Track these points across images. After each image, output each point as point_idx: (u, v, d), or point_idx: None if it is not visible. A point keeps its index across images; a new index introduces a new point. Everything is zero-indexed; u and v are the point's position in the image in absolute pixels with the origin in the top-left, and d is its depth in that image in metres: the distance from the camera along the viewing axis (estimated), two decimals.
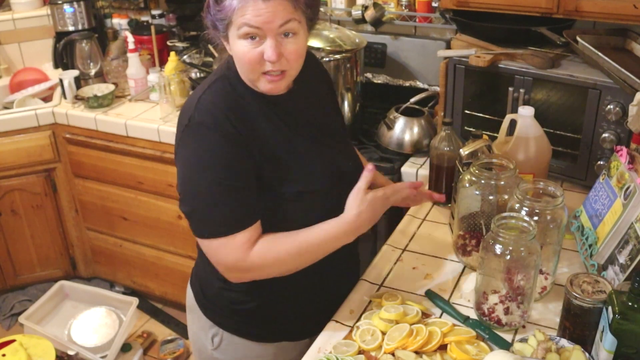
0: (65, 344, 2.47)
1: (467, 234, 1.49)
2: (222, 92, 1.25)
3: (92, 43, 2.84)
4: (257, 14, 1.13)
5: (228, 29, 1.18)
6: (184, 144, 1.23)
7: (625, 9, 1.66)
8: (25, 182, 2.74)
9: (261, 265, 1.24)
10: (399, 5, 2.36)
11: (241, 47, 1.17)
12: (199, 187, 1.21)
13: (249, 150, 1.21)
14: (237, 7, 1.13)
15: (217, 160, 1.20)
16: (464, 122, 1.97)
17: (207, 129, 1.20)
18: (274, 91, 1.24)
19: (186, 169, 1.23)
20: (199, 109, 1.22)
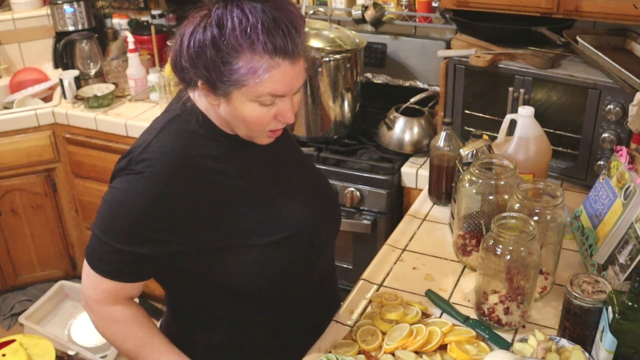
0: (65, 344, 2.47)
1: (467, 234, 1.49)
2: (177, 138, 1.11)
3: (92, 43, 2.84)
4: (284, 81, 1.02)
5: (234, 90, 1.03)
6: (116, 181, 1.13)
7: (625, 9, 1.66)
8: (25, 182, 2.74)
9: (104, 324, 1.19)
10: (399, 5, 2.36)
11: (253, 111, 1.05)
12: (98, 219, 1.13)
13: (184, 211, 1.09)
14: (263, 75, 0.99)
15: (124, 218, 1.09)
16: (464, 122, 1.97)
17: (138, 182, 1.08)
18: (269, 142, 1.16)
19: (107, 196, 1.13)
20: (146, 155, 1.09)
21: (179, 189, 1.08)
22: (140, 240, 1.09)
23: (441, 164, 1.72)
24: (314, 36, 2.11)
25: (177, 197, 1.08)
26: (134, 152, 1.12)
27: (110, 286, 1.14)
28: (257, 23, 0.97)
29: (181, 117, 1.13)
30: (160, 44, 2.86)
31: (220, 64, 0.99)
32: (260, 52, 0.98)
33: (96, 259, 1.13)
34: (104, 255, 1.12)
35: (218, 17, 0.98)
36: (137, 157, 1.10)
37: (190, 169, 1.10)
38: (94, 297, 1.16)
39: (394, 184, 2.02)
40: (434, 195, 1.80)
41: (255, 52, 0.98)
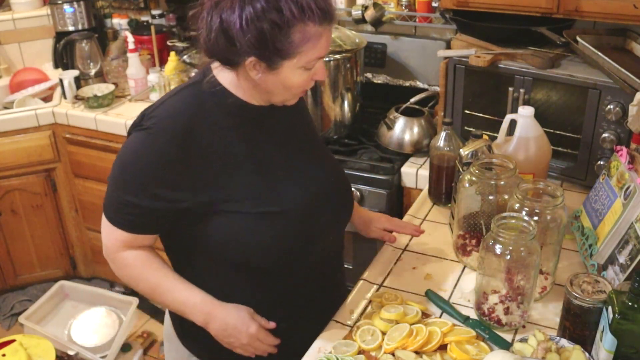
0: (65, 344, 2.47)
1: (467, 234, 1.49)
2: (188, 101, 1.18)
3: (92, 43, 2.85)
4: (327, 45, 1.11)
5: (285, 60, 1.08)
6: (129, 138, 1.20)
7: (625, 9, 1.66)
8: (25, 182, 2.74)
9: (119, 269, 1.26)
10: (399, 5, 2.36)
11: (299, 77, 1.13)
12: (113, 174, 1.22)
13: (188, 170, 1.15)
14: (315, 43, 1.07)
15: (136, 172, 1.17)
16: (464, 122, 1.97)
17: (148, 136, 1.15)
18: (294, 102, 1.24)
19: (120, 154, 1.21)
20: (155, 114, 1.16)
21: (182, 149, 1.14)
22: (145, 194, 1.16)
23: (441, 164, 1.72)
24: None
25: (179, 157, 1.14)
26: (147, 110, 1.20)
27: (122, 236, 1.22)
28: None
29: (198, 85, 1.20)
30: (160, 44, 2.86)
31: (277, 38, 1.05)
32: (313, 21, 1.05)
33: (109, 210, 1.22)
34: (115, 207, 1.20)
35: None
36: (148, 114, 1.18)
37: (196, 132, 1.15)
38: (109, 246, 1.25)
39: (394, 184, 2.02)
40: (434, 195, 1.79)
41: (307, 23, 1.05)
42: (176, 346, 1.42)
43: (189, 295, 1.24)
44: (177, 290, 1.24)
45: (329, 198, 1.31)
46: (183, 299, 1.24)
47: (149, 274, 1.25)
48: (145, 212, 1.18)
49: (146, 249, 1.26)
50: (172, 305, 1.27)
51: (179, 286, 1.25)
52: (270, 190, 1.21)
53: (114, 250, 1.24)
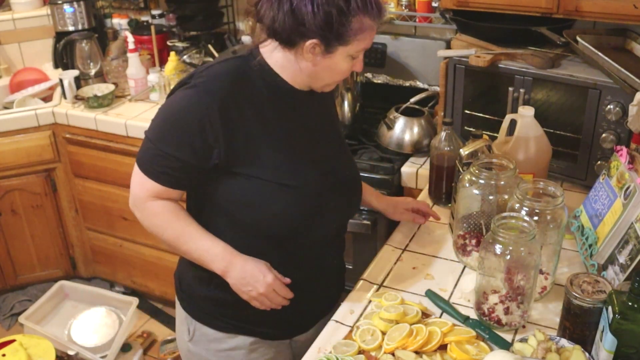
0: (65, 344, 2.47)
1: (467, 234, 1.49)
2: (235, 69, 1.28)
3: (92, 43, 2.84)
4: (372, 39, 1.23)
5: (340, 45, 1.20)
6: (174, 94, 1.28)
7: (625, 9, 1.66)
8: (25, 182, 2.74)
9: (146, 217, 1.33)
10: (399, 5, 2.36)
11: (346, 64, 1.24)
12: (152, 126, 1.28)
13: (225, 129, 1.23)
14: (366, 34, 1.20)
15: (177, 124, 1.24)
16: (464, 122, 1.97)
17: (195, 92, 1.23)
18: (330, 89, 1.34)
19: (163, 106, 1.29)
20: (204, 74, 1.26)
21: (224, 108, 1.22)
22: (185, 146, 1.23)
23: (441, 164, 1.72)
24: None
25: (221, 115, 1.22)
26: (196, 70, 1.29)
27: (153, 187, 1.28)
28: None
29: (245, 59, 1.29)
30: (160, 44, 2.86)
31: (343, 21, 1.17)
32: (371, 15, 1.19)
33: (145, 161, 1.28)
34: (152, 158, 1.27)
35: None
36: (197, 74, 1.27)
37: (237, 97, 1.25)
38: (139, 195, 1.31)
39: (394, 184, 2.02)
40: (434, 195, 1.79)
41: (366, 15, 1.18)
42: (178, 309, 1.51)
43: (211, 244, 1.30)
44: (201, 238, 1.31)
45: (341, 187, 1.39)
46: (206, 247, 1.30)
47: (176, 222, 1.31)
48: (181, 166, 1.25)
49: (172, 201, 1.32)
50: (195, 253, 1.32)
51: (203, 235, 1.31)
52: (292, 166, 1.30)
53: (143, 200, 1.30)
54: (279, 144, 1.29)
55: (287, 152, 1.30)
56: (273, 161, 1.28)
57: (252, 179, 1.27)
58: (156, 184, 1.28)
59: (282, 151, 1.29)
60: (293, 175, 1.30)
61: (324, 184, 1.34)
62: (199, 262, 1.33)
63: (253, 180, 1.27)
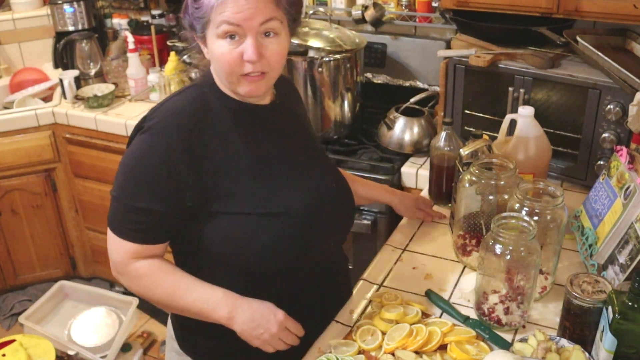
0: (65, 344, 2.46)
1: (467, 234, 1.49)
2: (190, 100, 1.20)
3: (92, 43, 2.85)
4: (237, 10, 1.08)
5: (206, 29, 1.13)
6: (131, 145, 1.20)
7: (625, 9, 1.66)
8: (25, 182, 2.74)
9: (133, 282, 1.23)
10: (399, 5, 2.36)
11: (220, 48, 1.12)
12: (117, 182, 1.20)
13: (192, 168, 1.15)
14: (217, 4, 1.09)
15: (141, 174, 1.16)
16: (464, 122, 1.97)
17: (152, 135, 1.15)
18: (254, 93, 1.18)
19: (123, 159, 1.20)
20: (157, 113, 1.18)
21: (185, 148, 1.15)
22: (155, 196, 1.15)
23: (441, 164, 1.72)
24: (313, 36, 2.12)
25: (183, 153, 1.14)
26: (148, 112, 1.21)
27: (132, 248, 1.20)
28: None
29: (199, 85, 1.23)
30: (160, 44, 2.86)
31: (193, 5, 1.13)
32: None
33: (116, 222, 1.21)
34: (123, 217, 1.19)
35: None
36: (150, 115, 1.19)
37: (198, 129, 1.17)
38: (119, 260, 1.22)
39: (394, 184, 2.02)
40: (434, 195, 1.79)
41: None
42: (177, 351, 1.42)
43: (210, 291, 1.20)
44: (197, 288, 1.20)
45: (330, 203, 1.30)
46: (206, 296, 1.20)
47: (166, 278, 1.21)
48: (154, 219, 1.17)
49: (155, 258, 1.23)
50: (194, 306, 1.20)
51: (198, 284, 1.21)
52: (271, 191, 1.21)
53: (125, 264, 1.21)
54: (252, 170, 1.20)
55: (263, 177, 1.21)
56: (250, 190, 1.19)
57: (233, 215, 1.18)
58: (135, 245, 1.19)
59: (257, 177, 1.20)
60: (275, 201, 1.20)
61: (310, 203, 1.25)
62: (199, 315, 1.21)
63: (234, 216, 1.18)
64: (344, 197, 1.37)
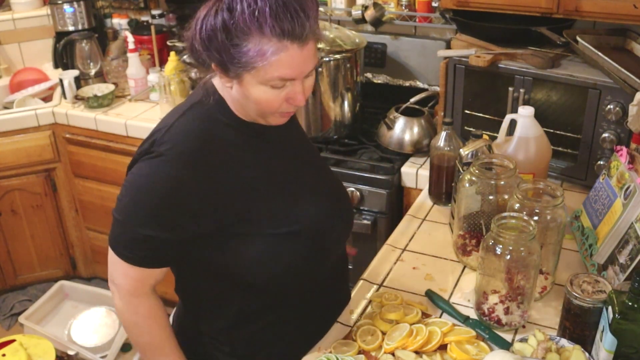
0: (65, 344, 2.46)
1: (467, 234, 1.49)
2: (198, 122, 1.13)
3: (92, 43, 2.84)
4: (293, 65, 1.03)
5: (245, 72, 1.04)
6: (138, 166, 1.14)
7: (625, 9, 1.66)
8: (25, 182, 2.74)
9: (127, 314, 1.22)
10: (399, 5, 2.36)
11: (264, 94, 1.06)
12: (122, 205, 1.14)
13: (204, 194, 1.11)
14: (271, 58, 1.01)
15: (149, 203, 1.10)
16: (464, 122, 1.97)
17: (162, 163, 1.10)
18: (284, 122, 1.17)
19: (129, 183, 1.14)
20: (167, 138, 1.11)
21: (200, 172, 1.10)
22: (164, 225, 1.11)
23: (441, 164, 1.72)
24: None
25: (198, 181, 1.10)
26: (156, 135, 1.14)
27: (138, 273, 1.17)
28: (265, 6, 0.98)
29: (202, 103, 1.16)
30: (160, 44, 2.86)
31: (230, 46, 1.01)
32: (269, 35, 1.00)
33: (121, 246, 1.15)
34: (129, 242, 1.14)
35: (229, 1, 1.01)
36: (160, 139, 1.12)
37: (210, 153, 1.12)
38: (124, 286, 1.19)
39: (394, 184, 2.02)
40: (434, 195, 1.79)
41: (263, 35, 1.00)
42: None
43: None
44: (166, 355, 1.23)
45: (338, 210, 1.29)
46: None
47: (156, 331, 1.22)
48: (163, 245, 1.14)
49: (156, 299, 1.23)
50: None
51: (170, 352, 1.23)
52: (286, 209, 1.18)
53: (129, 292, 1.19)
54: (266, 189, 1.17)
55: (276, 196, 1.18)
56: (266, 210, 1.16)
57: (249, 237, 1.15)
58: (139, 269, 1.16)
59: (271, 196, 1.17)
60: (291, 219, 1.18)
61: (323, 217, 1.23)
62: None
63: (251, 237, 1.15)
64: (348, 209, 1.37)
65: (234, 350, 1.30)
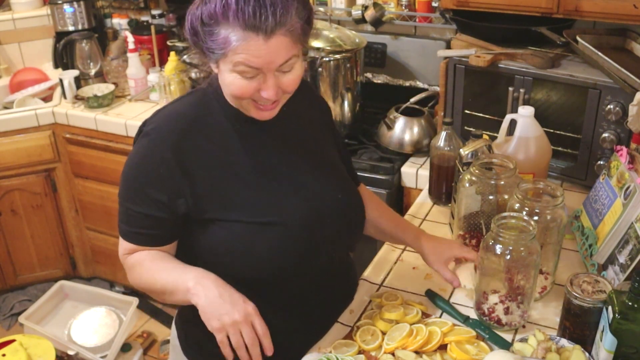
0: (65, 344, 2.46)
1: (467, 234, 1.49)
2: (190, 106, 1.19)
3: (92, 43, 2.85)
4: (257, 54, 1.04)
5: (219, 59, 1.09)
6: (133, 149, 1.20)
7: (625, 9, 1.66)
8: (25, 182, 2.74)
9: (129, 272, 1.25)
10: (399, 5, 2.36)
11: (235, 81, 1.09)
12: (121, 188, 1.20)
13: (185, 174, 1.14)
14: (237, 44, 1.04)
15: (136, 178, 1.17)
16: (464, 122, 1.97)
17: (147, 141, 1.16)
18: (266, 117, 1.16)
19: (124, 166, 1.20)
20: (155, 118, 1.19)
21: (179, 155, 1.14)
22: (148, 201, 1.16)
23: (441, 164, 1.72)
24: (313, 36, 2.11)
25: (178, 160, 1.14)
26: (150, 115, 1.21)
27: (132, 248, 1.22)
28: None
29: (203, 91, 1.21)
30: (160, 44, 2.86)
31: (206, 34, 1.07)
32: (233, 23, 1.04)
33: (121, 222, 1.22)
34: (125, 219, 1.20)
35: None
36: (149, 120, 1.20)
37: (195, 136, 1.16)
38: (121, 255, 1.24)
39: (394, 184, 2.02)
40: (434, 195, 1.80)
41: (229, 23, 1.04)
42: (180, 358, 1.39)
43: (188, 268, 1.16)
44: (176, 267, 1.18)
45: (332, 214, 1.25)
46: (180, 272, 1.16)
47: (151, 264, 1.20)
48: (153, 223, 1.18)
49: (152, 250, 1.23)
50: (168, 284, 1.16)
51: (179, 265, 1.18)
52: (268, 200, 1.19)
53: (123, 257, 1.24)
54: (252, 178, 1.18)
55: (262, 186, 1.19)
56: (248, 199, 1.17)
57: (229, 223, 1.16)
58: (133, 246, 1.20)
59: (256, 186, 1.18)
60: (272, 211, 1.18)
61: (308, 214, 1.21)
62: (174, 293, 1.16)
63: (230, 224, 1.16)
64: (351, 210, 1.31)
65: None
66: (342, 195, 1.29)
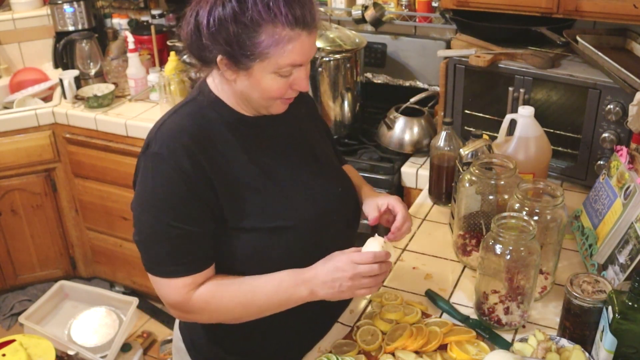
0: (65, 344, 2.47)
1: (467, 234, 1.49)
2: (189, 118, 1.16)
3: (92, 43, 2.85)
4: (303, 51, 1.07)
5: (255, 62, 1.06)
6: (141, 171, 1.15)
7: (625, 9, 1.66)
8: (25, 182, 2.74)
9: (203, 309, 1.17)
10: (399, 5, 2.36)
11: (272, 82, 1.09)
12: (144, 222, 1.15)
13: (207, 185, 1.12)
14: (285, 47, 1.04)
15: (165, 198, 1.11)
16: (464, 122, 1.97)
17: (161, 161, 1.11)
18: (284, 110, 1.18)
19: (138, 197, 1.15)
20: (159, 136, 1.14)
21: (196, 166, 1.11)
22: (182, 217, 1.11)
23: (441, 164, 1.72)
24: None
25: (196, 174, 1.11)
26: (150, 136, 1.16)
27: (186, 282, 1.14)
28: None
29: (196, 100, 1.19)
30: (160, 44, 2.86)
31: (244, 38, 1.04)
32: (282, 24, 1.03)
33: (159, 265, 1.14)
34: (164, 256, 1.13)
35: None
36: (152, 140, 1.14)
37: (203, 148, 1.13)
38: (179, 300, 1.15)
39: (394, 184, 2.02)
40: (434, 195, 1.80)
41: (277, 25, 1.03)
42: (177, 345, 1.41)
43: (277, 281, 1.15)
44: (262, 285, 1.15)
45: (338, 210, 1.28)
46: (275, 288, 1.14)
47: (232, 290, 1.16)
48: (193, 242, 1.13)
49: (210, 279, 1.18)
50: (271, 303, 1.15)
51: (258, 282, 1.15)
52: (278, 204, 1.18)
53: (185, 299, 1.15)
54: (258, 184, 1.17)
55: (269, 191, 1.18)
56: (258, 205, 1.16)
57: (244, 231, 1.16)
58: (186, 278, 1.13)
59: (263, 191, 1.18)
60: (283, 215, 1.18)
61: (318, 212, 1.23)
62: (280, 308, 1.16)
63: (246, 233, 1.16)
64: (350, 201, 1.34)
65: (232, 347, 1.31)
66: (342, 189, 1.31)
